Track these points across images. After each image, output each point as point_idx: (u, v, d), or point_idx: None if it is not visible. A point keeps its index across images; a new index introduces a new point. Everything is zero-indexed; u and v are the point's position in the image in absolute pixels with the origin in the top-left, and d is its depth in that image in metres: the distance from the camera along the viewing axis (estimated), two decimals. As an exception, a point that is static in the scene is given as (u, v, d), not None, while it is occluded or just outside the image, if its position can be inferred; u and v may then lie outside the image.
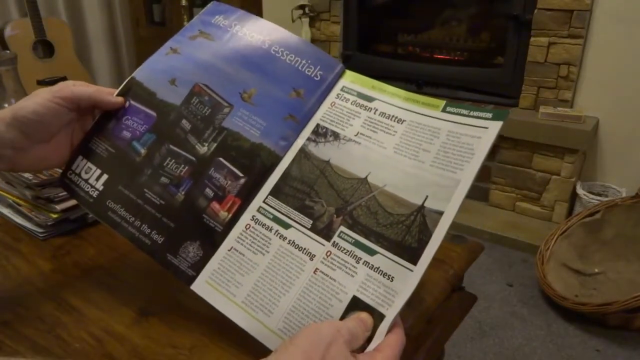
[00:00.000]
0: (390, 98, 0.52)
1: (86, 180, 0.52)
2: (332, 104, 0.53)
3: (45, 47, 2.91)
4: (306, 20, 2.43)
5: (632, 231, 1.66)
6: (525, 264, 1.81)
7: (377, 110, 0.51)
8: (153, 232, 0.49)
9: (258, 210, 0.49)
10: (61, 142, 0.52)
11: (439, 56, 2.29)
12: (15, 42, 2.77)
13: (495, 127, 0.47)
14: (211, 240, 0.48)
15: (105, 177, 0.51)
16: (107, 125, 0.53)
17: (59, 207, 0.64)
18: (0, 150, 0.48)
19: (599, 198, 1.85)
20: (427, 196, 0.45)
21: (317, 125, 0.51)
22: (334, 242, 0.46)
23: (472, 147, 0.46)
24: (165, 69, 0.54)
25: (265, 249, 0.47)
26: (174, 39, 0.57)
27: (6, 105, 0.98)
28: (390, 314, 0.41)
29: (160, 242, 0.49)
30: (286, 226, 0.48)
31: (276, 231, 0.47)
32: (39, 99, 0.49)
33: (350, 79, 0.54)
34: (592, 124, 1.86)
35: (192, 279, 0.47)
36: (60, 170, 0.54)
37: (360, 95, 0.53)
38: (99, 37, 3.55)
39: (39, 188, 0.64)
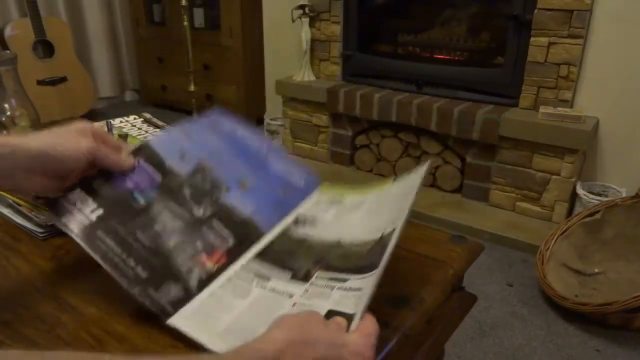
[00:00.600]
0: (357, 196, 0.63)
1: (80, 210, 0.53)
2: (314, 202, 0.64)
3: (45, 47, 2.91)
4: (306, 20, 2.43)
5: (632, 231, 1.66)
6: (525, 264, 1.81)
7: (346, 204, 0.62)
8: (138, 267, 0.50)
9: (242, 268, 0.54)
10: (67, 179, 0.54)
11: (439, 56, 2.29)
12: (15, 42, 2.77)
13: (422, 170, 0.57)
14: (194, 284, 0.51)
15: (100, 211, 0.53)
16: (113, 174, 0.55)
17: (59, 207, 0.64)
18: (15, 171, 0.49)
19: (599, 198, 1.85)
20: (384, 231, 0.53)
21: (298, 215, 0.61)
22: (312, 282, 0.52)
23: (413, 186, 0.56)
24: (178, 145, 0.60)
25: (245, 296, 0.51)
26: (189, 127, 0.63)
27: (6, 105, 0.98)
28: (358, 310, 0.45)
29: (143, 276, 0.50)
30: (267, 279, 0.53)
31: (257, 282, 0.52)
32: (79, 151, 0.51)
33: (327, 189, 0.66)
34: (592, 124, 1.86)
35: (169, 314, 0.49)
36: None
37: (334, 200, 0.64)
38: (99, 37, 3.55)
39: (39, 188, 0.64)
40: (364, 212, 0.60)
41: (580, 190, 1.90)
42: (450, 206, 2.14)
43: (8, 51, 2.35)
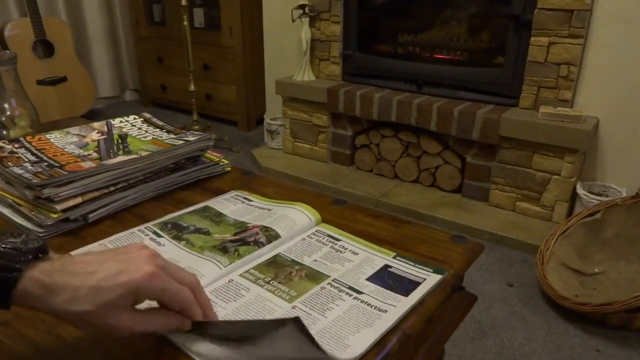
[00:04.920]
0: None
1: None
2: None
3: (45, 47, 2.91)
4: (306, 20, 2.43)
5: (632, 231, 1.66)
6: (525, 264, 1.81)
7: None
8: None
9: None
10: None
11: (439, 56, 2.29)
12: (15, 42, 2.77)
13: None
14: None
15: None
16: None
17: (59, 207, 0.64)
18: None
19: (599, 198, 1.85)
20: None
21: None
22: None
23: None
24: None
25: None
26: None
27: (6, 105, 0.98)
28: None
29: None
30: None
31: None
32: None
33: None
34: (592, 124, 1.86)
35: None
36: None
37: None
38: (99, 37, 3.55)
39: (39, 188, 0.64)
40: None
41: (580, 190, 1.90)
42: (450, 206, 2.14)
43: (8, 51, 2.35)
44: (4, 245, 0.41)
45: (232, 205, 0.73)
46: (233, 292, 0.53)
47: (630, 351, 1.41)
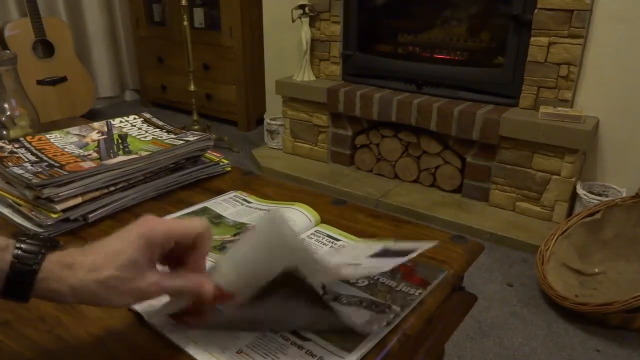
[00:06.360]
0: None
1: None
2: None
3: (45, 47, 2.91)
4: (306, 20, 2.43)
5: (632, 231, 1.66)
6: (525, 264, 1.81)
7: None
8: None
9: None
10: None
11: (439, 56, 2.29)
12: (15, 42, 2.77)
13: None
14: None
15: None
16: None
17: (59, 207, 0.64)
18: None
19: (599, 198, 1.85)
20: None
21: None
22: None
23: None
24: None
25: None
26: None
27: (6, 105, 0.98)
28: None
29: None
30: None
31: None
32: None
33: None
34: (592, 124, 1.86)
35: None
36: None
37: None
38: (99, 37, 3.55)
39: (39, 188, 0.64)
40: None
41: (580, 190, 1.90)
42: (450, 206, 2.14)
43: (8, 51, 2.35)
44: (29, 241, 0.41)
45: (232, 207, 0.73)
46: None
47: (630, 351, 1.41)
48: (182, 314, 0.48)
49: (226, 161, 0.87)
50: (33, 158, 0.72)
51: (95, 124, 0.88)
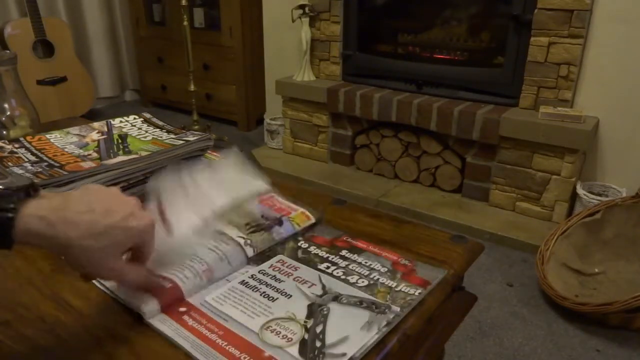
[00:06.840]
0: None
1: None
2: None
3: (45, 47, 2.91)
4: (306, 20, 2.43)
5: (632, 231, 1.66)
6: (525, 264, 1.81)
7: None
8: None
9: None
10: None
11: (439, 56, 2.29)
12: (15, 42, 2.77)
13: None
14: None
15: None
16: None
17: (59, 207, 0.64)
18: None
19: (599, 198, 1.85)
20: None
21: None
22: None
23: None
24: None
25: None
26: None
27: (6, 105, 0.98)
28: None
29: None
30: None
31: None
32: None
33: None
34: (592, 124, 1.86)
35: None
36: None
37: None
38: (99, 37, 3.55)
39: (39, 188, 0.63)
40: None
41: (580, 190, 1.90)
42: (450, 206, 2.14)
43: (8, 51, 2.35)
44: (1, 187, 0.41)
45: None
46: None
47: (630, 351, 1.41)
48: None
49: (226, 161, 0.87)
50: (33, 158, 0.72)
51: (95, 124, 0.88)
